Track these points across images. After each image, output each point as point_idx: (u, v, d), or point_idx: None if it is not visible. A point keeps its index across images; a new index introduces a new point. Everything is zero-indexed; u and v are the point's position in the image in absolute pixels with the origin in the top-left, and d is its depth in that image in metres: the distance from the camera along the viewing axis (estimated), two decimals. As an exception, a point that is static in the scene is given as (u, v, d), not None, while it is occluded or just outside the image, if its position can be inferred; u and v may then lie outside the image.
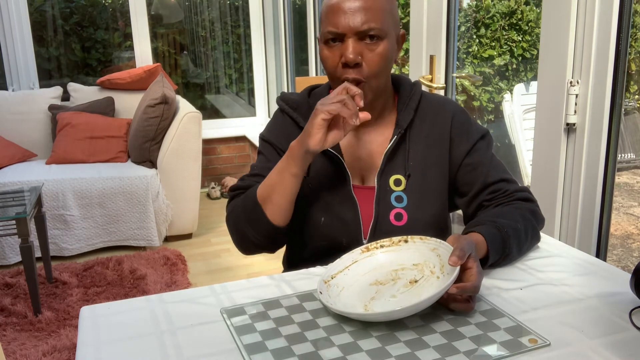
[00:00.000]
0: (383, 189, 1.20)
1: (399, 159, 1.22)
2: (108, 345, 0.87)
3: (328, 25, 1.12)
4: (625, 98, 2.79)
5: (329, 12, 1.12)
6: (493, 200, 1.20)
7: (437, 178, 1.22)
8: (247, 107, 4.92)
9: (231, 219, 1.23)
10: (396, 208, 1.20)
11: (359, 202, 1.21)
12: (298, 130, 1.23)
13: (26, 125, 3.68)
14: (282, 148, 1.24)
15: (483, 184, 1.20)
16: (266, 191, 1.15)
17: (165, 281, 2.89)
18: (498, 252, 1.05)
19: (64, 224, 3.18)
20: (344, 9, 1.10)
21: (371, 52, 1.11)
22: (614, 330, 0.87)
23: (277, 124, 1.30)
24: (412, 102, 1.24)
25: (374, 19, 1.10)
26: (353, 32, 1.10)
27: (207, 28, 4.70)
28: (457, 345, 0.83)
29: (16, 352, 2.23)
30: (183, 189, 3.42)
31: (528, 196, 1.21)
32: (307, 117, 1.20)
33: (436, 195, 1.22)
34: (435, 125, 1.24)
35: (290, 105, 1.28)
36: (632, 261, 2.84)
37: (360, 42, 1.11)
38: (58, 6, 4.25)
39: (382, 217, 1.20)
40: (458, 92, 3.00)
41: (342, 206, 1.21)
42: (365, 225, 1.21)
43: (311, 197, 1.22)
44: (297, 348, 0.84)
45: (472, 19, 3.45)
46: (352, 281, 1.01)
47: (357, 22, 1.09)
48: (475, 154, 1.23)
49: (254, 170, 1.27)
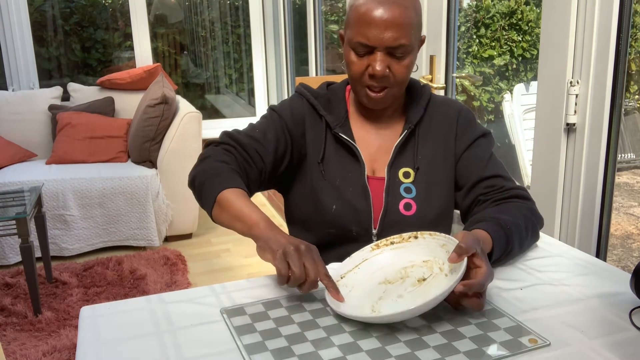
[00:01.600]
0: (393, 180, 1.24)
1: (408, 153, 1.26)
2: (108, 345, 0.87)
3: (358, 35, 1.13)
4: (625, 98, 2.78)
5: (361, 23, 1.13)
6: (489, 194, 1.21)
7: (444, 171, 1.26)
8: (247, 107, 4.92)
9: (199, 167, 1.19)
10: (405, 198, 1.23)
11: (370, 191, 1.23)
12: (315, 117, 1.28)
13: (26, 125, 3.68)
14: (289, 126, 1.25)
15: (479, 178, 1.23)
16: (227, 204, 1.09)
17: (165, 281, 2.89)
18: (501, 249, 1.06)
19: (64, 224, 3.18)
20: (377, 22, 1.11)
21: (398, 64, 1.15)
22: (614, 330, 0.87)
23: (294, 106, 1.29)
24: (422, 100, 1.28)
25: (404, 35, 1.12)
26: (384, 46, 1.13)
27: (207, 28, 4.70)
28: (457, 345, 0.83)
29: (16, 352, 2.23)
30: (183, 189, 3.42)
31: (525, 194, 1.22)
32: (326, 107, 1.28)
33: (444, 187, 1.25)
34: (443, 123, 1.28)
35: (311, 93, 1.30)
36: (632, 261, 2.84)
37: (389, 54, 1.14)
38: (58, 6, 4.25)
39: (391, 207, 1.22)
40: (458, 92, 3.00)
41: (354, 195, 1.23)
42: (375, 214, 1.23)
43: (323, 184, 1.25)
44: (297, 348, 0.84)
45: (472, 19, 3.45)
46: (362, 280, 1.01)
47: (388, 38, 1.11)
48: (474, 149, 1.26)
49: (254, 132, 1.24)
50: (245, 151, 1.21)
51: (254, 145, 1.22)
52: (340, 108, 1.28)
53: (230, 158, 1.19)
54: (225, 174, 1.14)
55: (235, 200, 1.09)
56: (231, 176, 1.14)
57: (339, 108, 1.28)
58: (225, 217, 1.10)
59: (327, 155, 1.26)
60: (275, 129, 1.24)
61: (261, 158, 1.22)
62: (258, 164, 1.22)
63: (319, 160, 1.25)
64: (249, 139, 1.23)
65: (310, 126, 1.28)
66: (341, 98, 1.30)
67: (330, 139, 1.27)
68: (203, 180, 1.15)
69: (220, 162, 1.17)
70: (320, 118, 1.28)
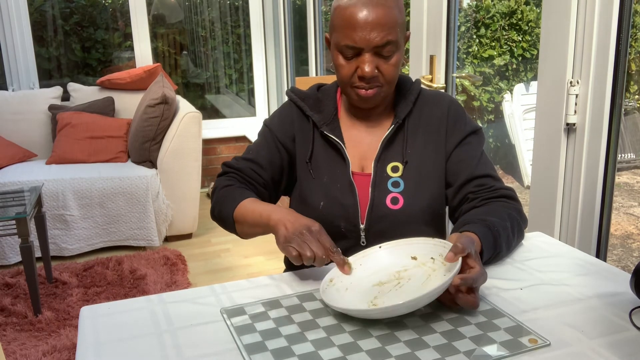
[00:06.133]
0: (380, 175, 1.25)
1: (397, 147, 1.26)
2: (108, 345, 0.87)
3: (345, 38, 1.15)
4: (625, 98, 2.79)
5: (345, 26, 1.14)
6: (478, 193, 1.23)
7: (434, 165, 1.26)
8: (247, 107, 4.92)
9: (212, 199, 1.29)
10: (392, 192, 1.24)
11: (357, 187, 1.25)
12: (303, 118, 1.31)
13: (26, 125, 3.67)
14: (280, 138, 1.31)
15: (469, 176, 1.24)
16: (241, 217, 1.19)
17: (165, 281, 2.89)
18: (490, 250, 1.07)
19: (64, 224, 3.18)
20: (362, 24, 1.12)
21: (386, 63, 1.17)
22: (614, 330, 0.87)
23: (283, 113, 1.35)
24: (410, 95, 1.29)
25: (390, 34, 1.14)
26: (371, 47, 1.14)
27: (207, 28, 4.70)
28: (457, 345, 0.83)
29: (16, 352, 2.23)
30: (183, 189, 3.42)
31: (512, 195, 1.23)
32: (314, 108, 1.30)
33: (433, 180, 1.26)
34: (433, 116, 1.29)
35: (299, 96, 1.33)
36: (632, 261, 2.84)
37: (376, 55, 1.16)
38: (58, 6, 4.24)
39: (378, 201, 1.24)
40: (458, 92, 3.00)
41: (341, 191, 1.25)
42: (362, 210, 1.25)
43: (311, 183, 1.28)
44: (297, 348, 0.84)
45: (472, 19, 3.45)
46: (354, 284, 1.01)
47: (374, 37, 1.13)
48: (465, 146, 1.27)
49: (249, 154, 1.33)
50: (244, 174, 1.30)
51: (250, 165, 1.30)
52: (329, 107, 1.31)
53: (233, 181, 1.29)
54: (232, 194, 1.24)
55: (245, 211, 1.18)
56: (239, 192, 1.24)
57: (329, 107, 1.31)
58: (247, 230, 1.21)
59: (315, 154, 1.29)
60: (267, 145, 1.32)
61: (259, 175, 1.30)
62: (259, 181, 1.30)
63: (307, 160, 1.28)
64: (244, 162, 1.32)
65: (299, 128, 1.31)
66: (332, 97, 1.32)
67: (318, 138, 1.29)
68: (219, 209, 1.25)
69: (226, 187, 1.27)
70: (307, 119, 1.30)
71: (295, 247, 1.02)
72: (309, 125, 1.30)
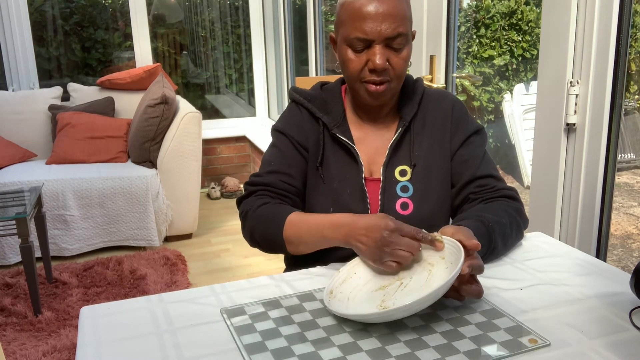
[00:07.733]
0: (389, 180, 1.23)
1: (404, 151, 1.25)
2: (108, 345, 0.87)
3: (355, 31, 1.13)
4: (625, 98, 2.78)
5: (356, 18, 1.13)
6: (480, 194, 1.22)
7: (440, 164, 1.26)
8: (247, 107, 4.92)
9: (248, 223, 1.21)
10: (402, 198, 1.23)
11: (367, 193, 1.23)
12: (313, 121, 1.27)
13: (26, 125, 3.67)
14: (299, 140, 1.26)
15: (472, 176, 1.23)
16: (296, 237, 1.13)
17: (165, 281, 2.89)
18: (484, 246, 1.07)
19: (64, 224, 3.18)
20: (372, 15, 1.11)
21: (397, 56, 1.16)
22: (614, 330, 0.87)
23: (293, 116, 1.30)
24: (415, 96, 1.28)
25: (401, 25, 1.13)
26: (382, 38, 1.13)
27: (207, 28, 4.70)
28: (457, 345, 0.83)
29: (16, 352, 2.23)
30: (183, 189, 3.42)
31: (514, 195, 1.23)
32: (322, 109, 1.26)
33: (440, 181, 1.25)
34: (437, 116, 1.28)
35: (305, 97, 1.30)
36: (632, 261, 2.84)
37: (387, 47, 1.14)
38: (58, 6, 4.24)
39: (387, 208, 1.22)
40: (458, 92, 3.00)
41: (352, 197, 1.23)
42: None
43: (321, 187, 1.25)
44: (297, 348, 0.84)
45: (472, 19, 3.45)
46: (356, 291, 1.00)
47: (386, 28, 1.12)
48: (468, 146, 1.26)
49: (272, 166, 1.25)
50: (276, 187, 1.23)
51: (279, 177, 1.23)
52: (337, 108, 1.28)
53: (266, 199, 1.21)
54: (274, 213, 1.16)
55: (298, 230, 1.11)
56: (280, 210, 1.16)
57: (336, 108, 1.28)
58: (304, 249, 1.14)
59: (326, 157, 1.26)
60: (287, 151, 1.26)
61: (291, 185, 1.24)
62: (292, 191, 1.24)
63: (318, 163, 1.24)
64: (271, 176, 1.24)
65: (310, 130, 1.27)
66: (337, 98, 1.29)
67: (328, 141, 1.26)
68: (262, 232, 1.17)
69: (262, 206, 1.19)
70: (317, 120, 1.28)
71: (392, 261, 0.97)
72: (319, 127, 1.27)
